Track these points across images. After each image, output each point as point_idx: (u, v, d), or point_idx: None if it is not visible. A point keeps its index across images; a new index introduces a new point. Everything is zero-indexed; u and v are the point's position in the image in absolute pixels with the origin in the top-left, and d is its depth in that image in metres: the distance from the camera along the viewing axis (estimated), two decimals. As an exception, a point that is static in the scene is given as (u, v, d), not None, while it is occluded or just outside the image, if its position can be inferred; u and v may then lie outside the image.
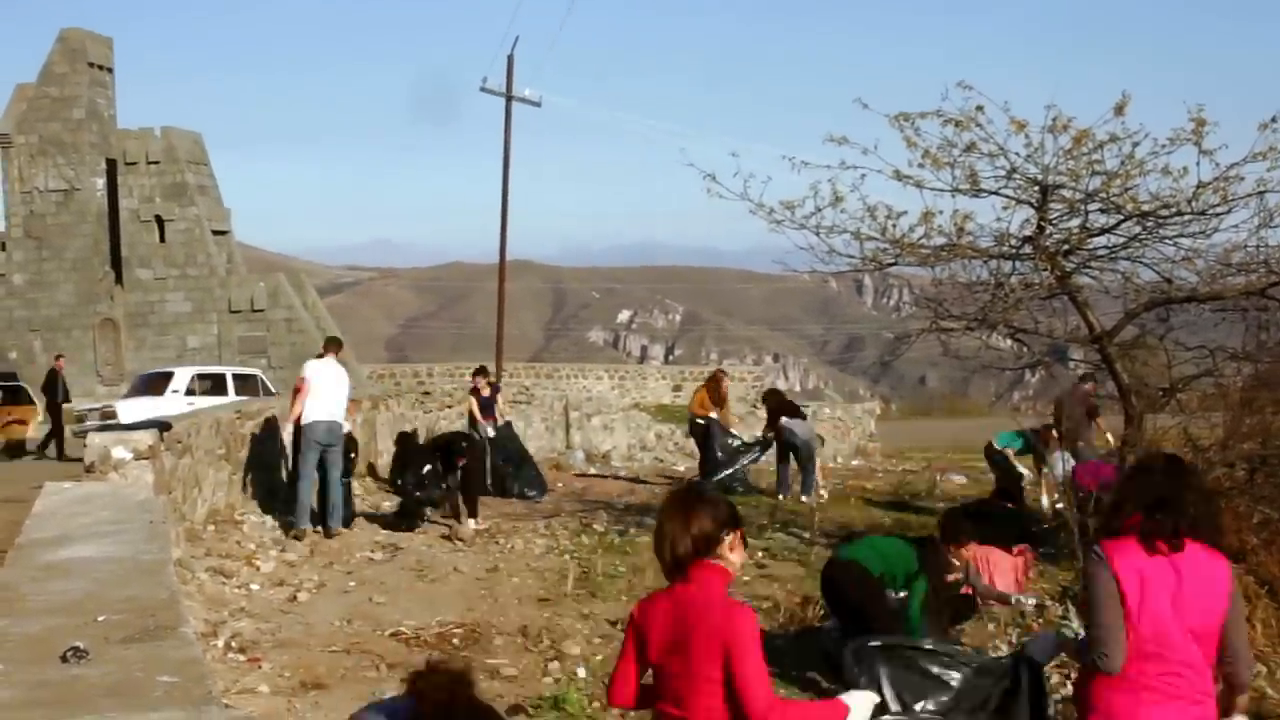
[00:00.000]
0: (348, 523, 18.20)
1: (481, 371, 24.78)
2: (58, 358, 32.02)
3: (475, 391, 24.33)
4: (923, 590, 11.69)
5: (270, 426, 19.65)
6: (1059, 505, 17.75)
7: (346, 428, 18.56)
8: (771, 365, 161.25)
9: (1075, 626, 14.21)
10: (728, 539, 5.52)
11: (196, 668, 4.74)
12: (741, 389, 52.65)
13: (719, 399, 24.89)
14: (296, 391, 18.41)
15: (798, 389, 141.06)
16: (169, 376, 30.48)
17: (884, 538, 13.26)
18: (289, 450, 19.07)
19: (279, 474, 19.63)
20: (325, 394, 18.00)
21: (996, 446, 21.29)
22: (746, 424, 35.65)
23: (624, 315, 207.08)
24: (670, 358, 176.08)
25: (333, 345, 19.35)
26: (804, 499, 22.38)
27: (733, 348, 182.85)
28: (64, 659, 4.83)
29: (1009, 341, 19.28)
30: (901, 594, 11.76)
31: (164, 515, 10.33)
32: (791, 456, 23.76)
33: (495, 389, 24.77)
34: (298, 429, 18.03)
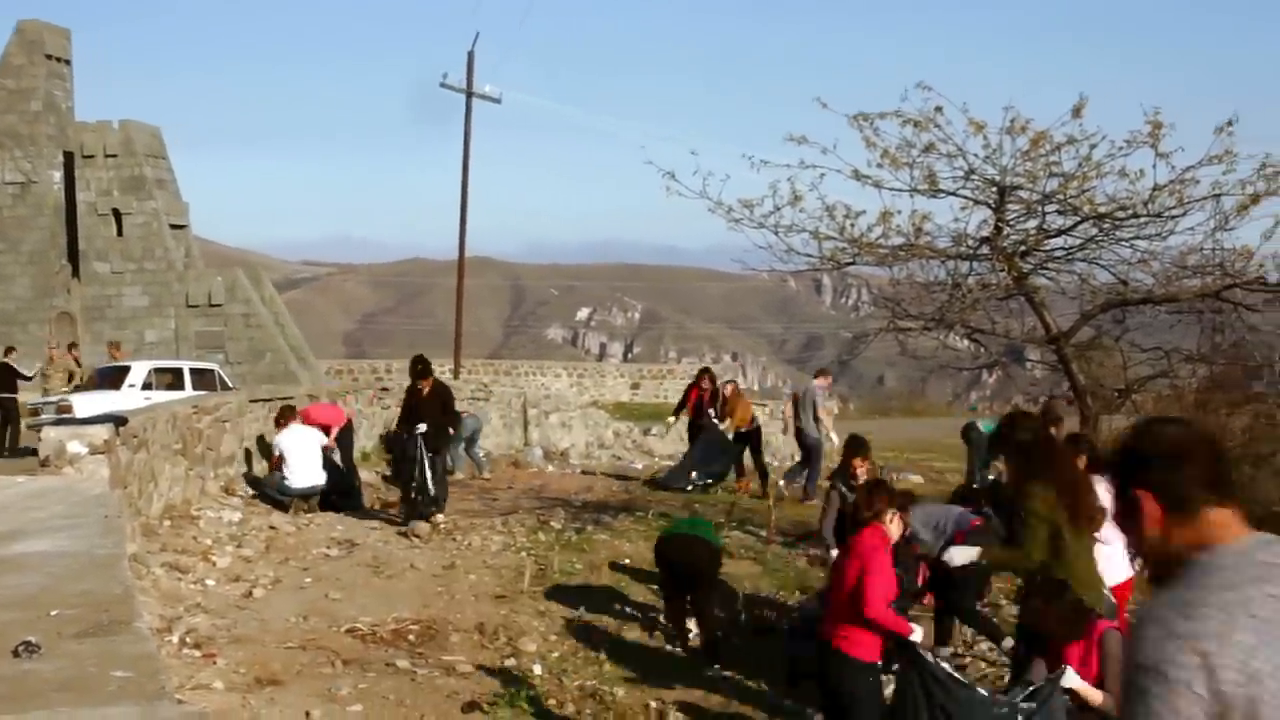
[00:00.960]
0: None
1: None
2: (9, 350, 31.70)
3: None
4: None
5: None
6: None
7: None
8: (730, 364, 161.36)
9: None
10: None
11: (150, 663, 4.72)
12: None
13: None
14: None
15: (756, 388, 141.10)
16: (126, 371, 30.27)
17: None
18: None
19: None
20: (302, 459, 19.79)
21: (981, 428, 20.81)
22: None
23: (583, 313, 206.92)
24: (629, 356, 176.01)
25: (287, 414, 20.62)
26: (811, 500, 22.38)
27: (691, 346, 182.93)
28: (16, 654, 4.81)
29: (966, 342, 19.38)
30: None
31: (119, 510, 10.29)
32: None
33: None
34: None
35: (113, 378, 29.69)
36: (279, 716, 10.00)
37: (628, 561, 17.10)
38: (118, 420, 14.38)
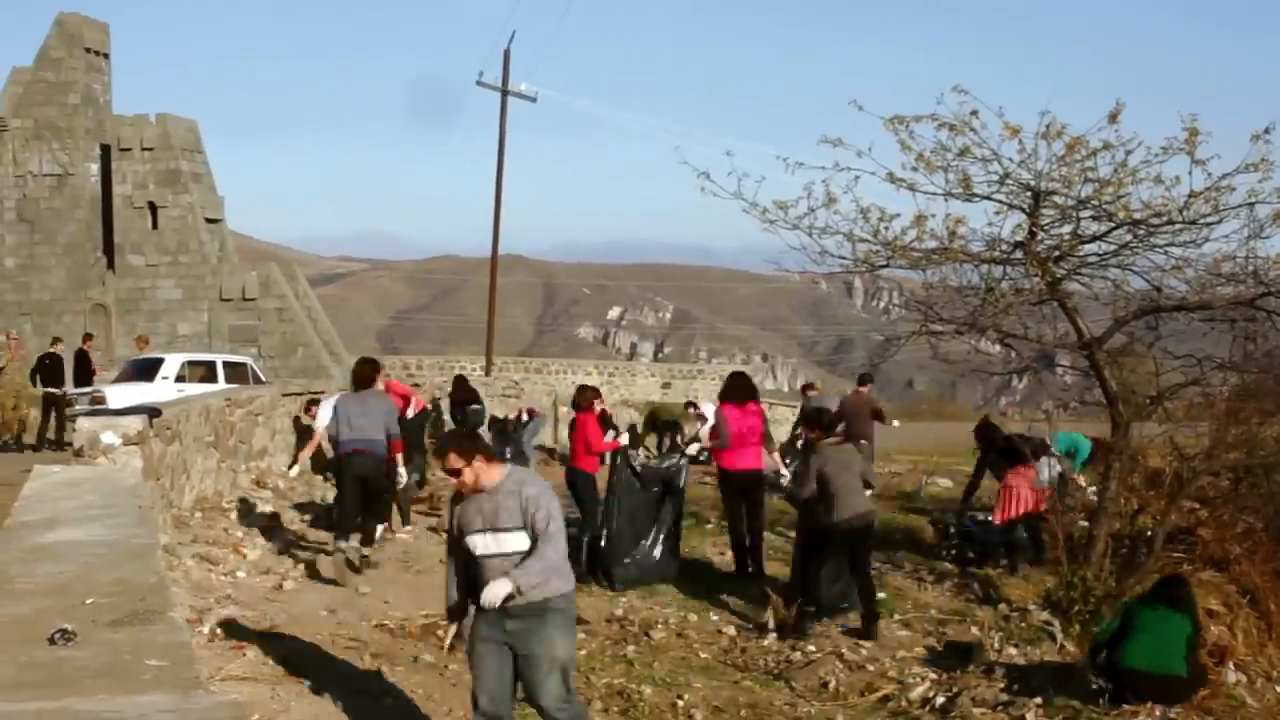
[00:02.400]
0: None
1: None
2: (55, 341, 31.88)
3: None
4: None
5: None
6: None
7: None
8: (760, 365, 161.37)
9: (1058, 629, 14.32)
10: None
11: (184, 652, 4.76)
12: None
13: None
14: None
15: (785, 389, 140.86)
16: (159, 363, 30.41)
17: None
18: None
19: None
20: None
21: (1054, 450, 20.39)
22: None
23: (614, 312, 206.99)
24: (659, 355, 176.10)
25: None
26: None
27: (722, 346, 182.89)
28: (52, 641, 4.85)
29: (998, 346, 19.33)
30: None
31: (153, 500, 10.35)
32: None
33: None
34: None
35: (146, 370, 29.84)
36: (308, 709, 10.04)
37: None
38: (151, 412, 14.45)
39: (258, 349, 46.89)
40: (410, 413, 20.73)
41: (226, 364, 31.23)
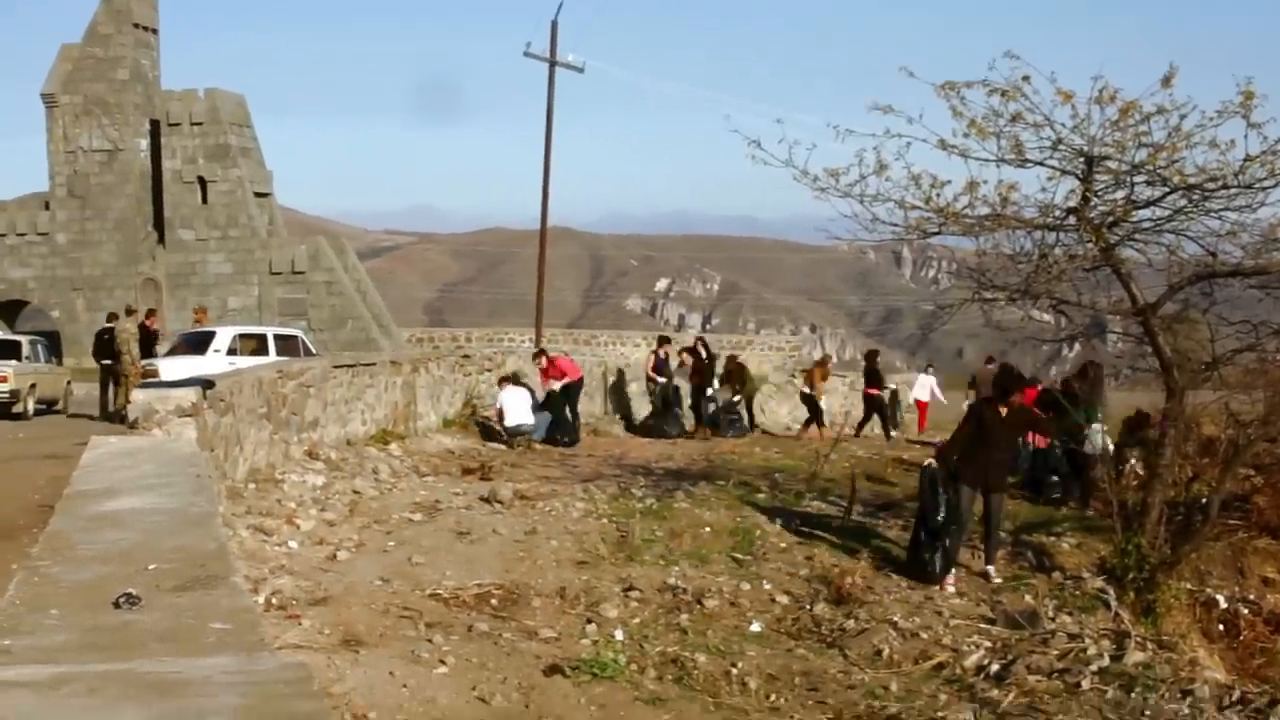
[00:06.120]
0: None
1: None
2: (147, 311, 32.49)
3: None
4: None
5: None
6: None
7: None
8: (809, 336, 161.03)
9: (1112, 597, 14.27)
10: None
11: (248, 616, 4.78)
12: (779, 358, 53.09)
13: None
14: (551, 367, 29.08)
15: (835, 360, 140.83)
16: (211, 336, 30.59)
17: None
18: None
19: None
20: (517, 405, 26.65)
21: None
22: (784, 393, 35.95)
23: (662, 283, 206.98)
24: (708, 326, 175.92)
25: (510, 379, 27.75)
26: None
27: (770, 317, 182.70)
28: (117, 605, 4.88)
29: (1049, 315, 19.24)
30: None
31: (209, 469, 10.41)
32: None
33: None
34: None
35: (198, 343, 30.03)
36: (363, 677, 10.10)
37: (708, 530, 17.14)
38: (205, 384, 14.53)
39: (307, 322, 47.17)
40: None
41: (277, 336, 31.37)
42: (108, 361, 29.45)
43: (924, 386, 37.01)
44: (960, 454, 15.67)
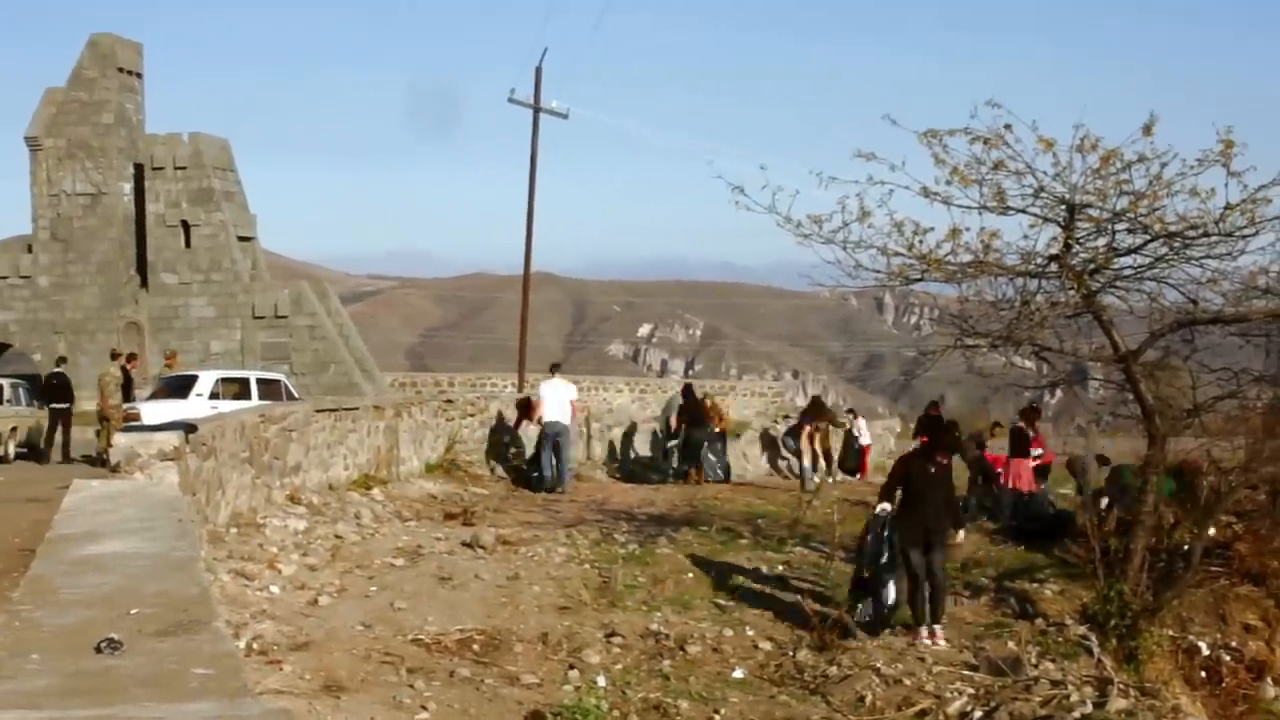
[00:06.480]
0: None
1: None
2: (132, 357, 32.55)
3: None
4: None
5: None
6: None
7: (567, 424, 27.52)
8: (791, 381, 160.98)
9: (1094, 644, 14.27)
10: None
11: (230, 661, 4.77)
12: (762, 404, 53.40)
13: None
14: (532, 405, 28.79)
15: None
16: (194, 380, 30.53)
17: None
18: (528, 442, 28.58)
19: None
20: (553, 403, 27.67)
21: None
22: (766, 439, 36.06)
23: (645, 329, 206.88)
24: (690, 372, 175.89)
25: (555, 368, 30.47)
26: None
27: (752, 363, 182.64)
28: (99, 650, 4.87)
29: (1032, 360, 19.30)
30: None
31: (191, 514, 10.39)
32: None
33: None
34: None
35: (180, 387, 29.97)
36: (345, 723, 10.06)
37: (690, 576, 17.12)
38: (187, 428, 14.50)
39: (290, 366, 47.03)
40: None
41: (260, 381, 31.31)
42: (57, 405, 29.53)
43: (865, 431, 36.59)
44: (898, 513, 15.42)
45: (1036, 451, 23.53)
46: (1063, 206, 16.10)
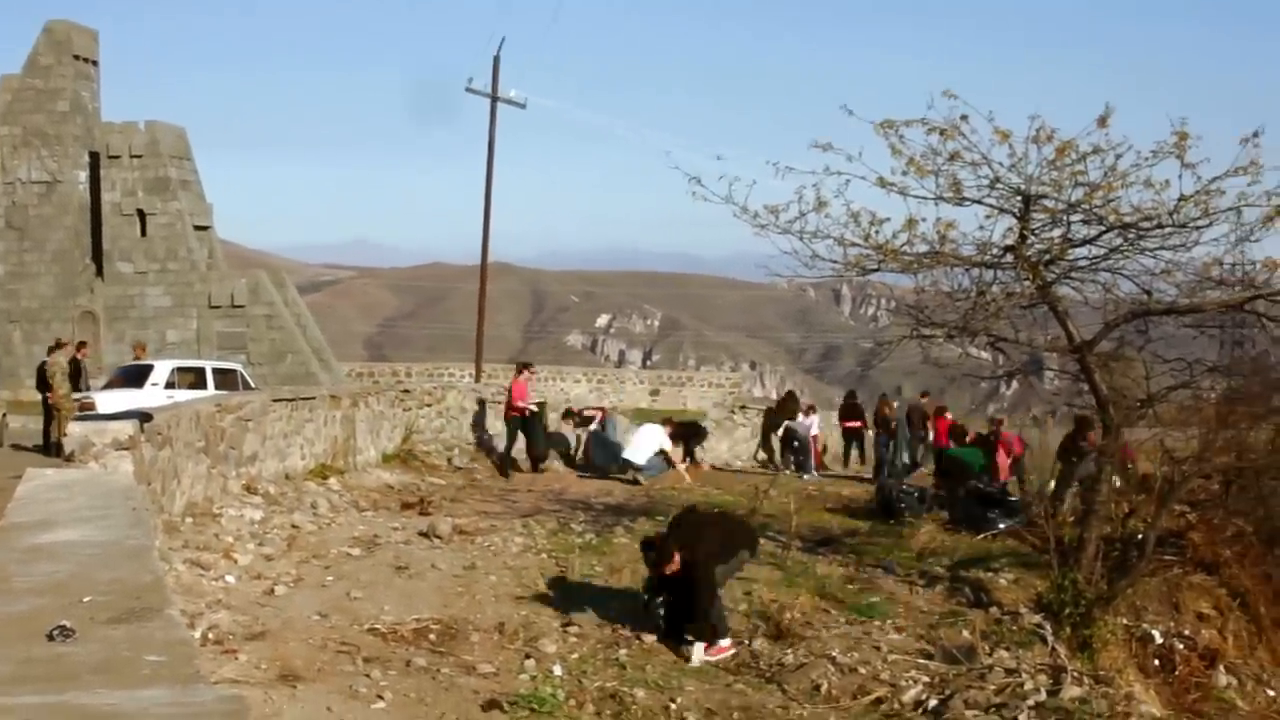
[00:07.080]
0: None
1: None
2: (81, 345, 32.43)
3: None
4: None
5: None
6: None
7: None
8: (748, 372, 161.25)
9: (1049, 633, 14.35)
10: None
11: (184, 648, 4.76)
12: (719, 394, 53.56)
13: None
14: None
15: (773, 397, 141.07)
16: (149, 369, 30.41)
17: None
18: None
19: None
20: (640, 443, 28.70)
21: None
22: (724, 429, 36.06)
23: (603, 319, 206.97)
24: (648, 363, 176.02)
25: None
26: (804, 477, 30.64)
27: (710, 354, 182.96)
28: (50, 637, 4.85)
29: (988, 351, 19.37)
30: None
31: (145, 502, 10.35)
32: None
33: None
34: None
35: (136, 376, 29.84)
36: (300, 712, 10.04)
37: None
38: (142, 417, 14.44)
39: (246, 356, 46.84)
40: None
41: (216, 370, 31.22)
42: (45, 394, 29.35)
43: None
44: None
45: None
46: (1018, 197, 16.17)
